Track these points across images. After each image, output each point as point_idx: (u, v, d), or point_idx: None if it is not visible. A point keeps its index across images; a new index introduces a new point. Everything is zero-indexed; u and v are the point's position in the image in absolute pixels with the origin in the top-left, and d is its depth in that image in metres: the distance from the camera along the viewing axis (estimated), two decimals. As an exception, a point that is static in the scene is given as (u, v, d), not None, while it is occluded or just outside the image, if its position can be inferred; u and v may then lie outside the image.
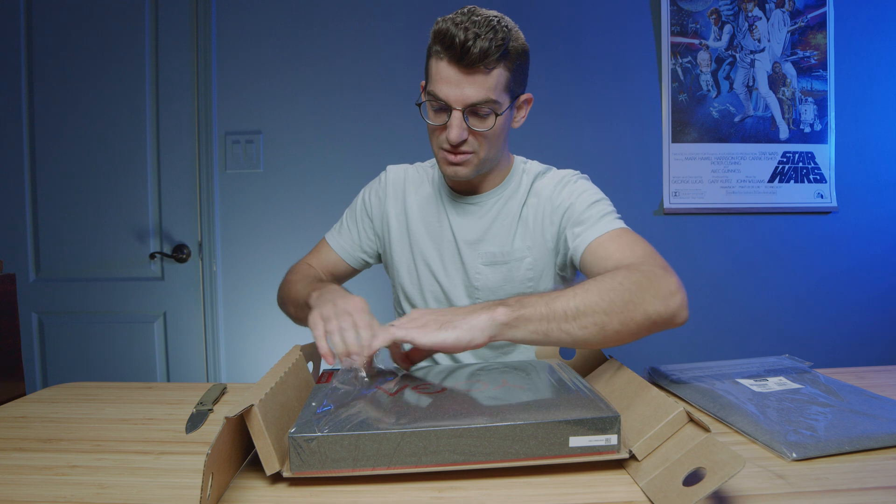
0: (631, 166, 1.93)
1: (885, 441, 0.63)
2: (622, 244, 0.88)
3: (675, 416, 0.59)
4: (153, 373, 1.94)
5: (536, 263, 1.02)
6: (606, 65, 1.93)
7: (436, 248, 1.06)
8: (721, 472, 0.48)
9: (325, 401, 0.64)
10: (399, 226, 1.10)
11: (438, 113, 0.91)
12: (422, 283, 1.08)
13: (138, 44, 1.89)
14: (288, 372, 0.70)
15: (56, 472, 0.61)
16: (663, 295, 0.73)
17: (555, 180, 1.02)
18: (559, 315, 0.69)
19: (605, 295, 0.71)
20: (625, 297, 0.71)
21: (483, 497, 0.54)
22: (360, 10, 1.91)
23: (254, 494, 0.56)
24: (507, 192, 1.04)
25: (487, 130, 0.90)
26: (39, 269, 1.94)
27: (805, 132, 1.96)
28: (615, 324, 0.70)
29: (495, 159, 0.99)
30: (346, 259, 1.16)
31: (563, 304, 0.69)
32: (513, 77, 0.90)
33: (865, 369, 0.96)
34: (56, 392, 0.92)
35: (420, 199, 1.09)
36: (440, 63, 0.87)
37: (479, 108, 0.88)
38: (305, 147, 1.92)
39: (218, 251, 1.92)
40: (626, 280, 0.74)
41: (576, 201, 0.97)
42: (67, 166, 1.91)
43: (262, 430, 0.56)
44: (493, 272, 1.02)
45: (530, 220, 1.02)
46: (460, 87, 0.87)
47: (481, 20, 0.85)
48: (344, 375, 0.70)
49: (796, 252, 1.98)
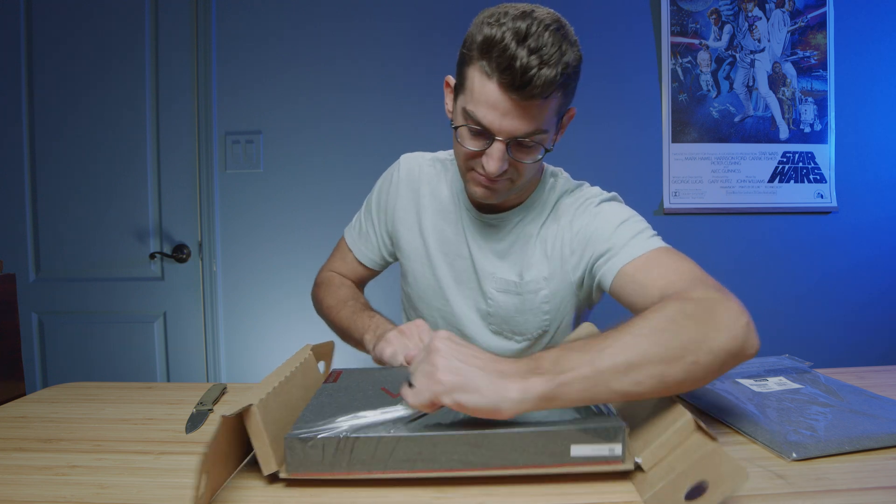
0: (631, 166, 1.93)
1: (885, 441, 0.63)
2: (661, 267, 0.76)
3: (682, 423, 0.56)
4: (153, 373, 1.94)
5: (554, 296, 0.91)
6: (606, 65, 1.93)
7: (449, 264, 0.97)
8: (723, 486, 0.47)
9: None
10: (411, 230, 1.01)
11: (476, 137, 0.78)
12: (430, 298, 1.00)
13: (138, 44, 1.89)
14: (295, 371, 0.70)
15: (56, 472, 0.61)
16: (727, 324, 0.60)
17: (578, 202, 0.90)
18: (607, 373, 0.54)
19: (659, 338, 0.57)
20: (683, 339, 0.57)
21: (483, 498, 0.54)
22: (359, 10, 1.91)
23: (251, 494, 0.56)
24: (530, 213, 0.93)
25: (532, 163, 0.80)
26: (39, 269, 1.94)
27: (805, 132, 1.96)
28: (677, 373, 0.56)
29: (530, 182, 0.90)
30: (368, 265, 1.09)
31: (611, 358, 0.55)
32: (565, 99, 0.79)
33: (865, 369, 0.96)
34: (56, 392, 0.92)
35: (435, 202, 0.99)
36: (487, 83, 0.73)
37: (526, 140, 0.77)
38: (305, 147, 1.92)
39: (218, 251, 1.92)
40: (679, 314, 0.60)
41: (599, 226, 0.85)
42: (67, 166, 1.91)
43: (261, 430, 0.56)
44: (506, 300, 0.93)
45: (549, 248, 0.91)
46: (509, 118, 0.74)
47: (548, 36, 0.71)
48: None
49: (796, 252, 1.98)
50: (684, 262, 0.76)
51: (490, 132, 0.76)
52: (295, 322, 1.92)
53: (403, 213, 1.01)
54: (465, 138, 0.80)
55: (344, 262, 1.11)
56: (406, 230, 1.01)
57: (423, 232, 0.99)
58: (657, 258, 0.78)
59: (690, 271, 0.73)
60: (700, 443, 0.53)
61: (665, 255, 0.79)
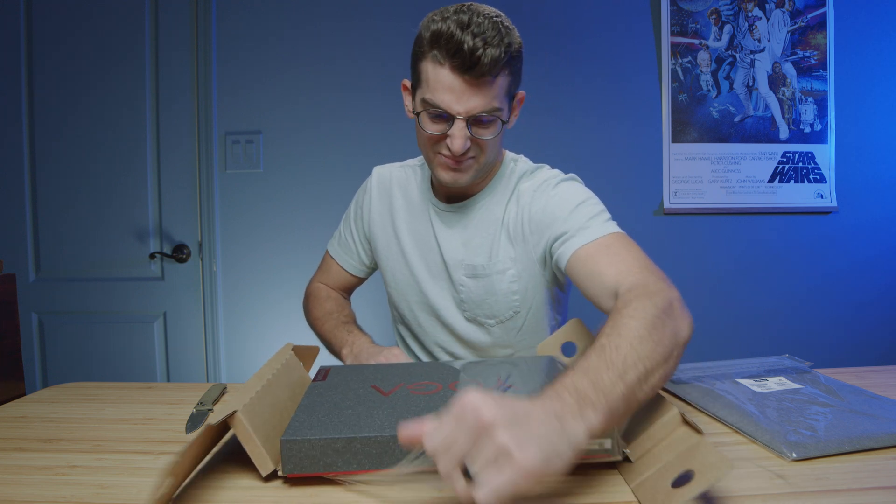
0: (631, 166, 1.93)
1: (885, 441, 0.63)
2: (612, 255, 0.80)
3: (668, 417, 0.59)
4: (153, 373, 1.94)
5: (521, 276, 0.96)
6: (606, 65, 1.93)
7: (422, 256, 1.02)
8: (709, 474, 0.48)
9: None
10: (385, 231, 1.07)
11: (437, 121, 0.86)
12: (408, 293, 1.05)
13: (138, 44, 1.89)
14: (278, 372, 0.70)
15: (56, 472, 0.61)
16: (684, 315, 0.65)
17: (536, 184, 0.95)
18: (634, 385, 0.54)
19: (655, 338, 0.58)
20: (667, 334, 0.60)
21: (483, 497, 0.54)
22: (359, 11, 1.91)
23: (250, 494, 0.56)
24: (493, 197, 0.98)
25: (492, 138, 0.86)
26: (39, 269, 1.94)
27: (805, 132, 1.96)
28: (668, 370, 0.59)
29: (494, 162, 0.95)
30: (352, 272, 1.16)
31: (634, 370, 0.55)
32: (512, 79, 0.86)
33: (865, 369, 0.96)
34: (56, 392, 0.92)
35: (407, 203, 1.06)
36: (440, 70, 0.81)
37: (484, 115, 0.84)
38: (305, 147, 1.92)
39: (218, 251, 1.92)
40: (658, 311, 0.62)
41: (556, 207, 0.90)
42: (67, 166, 1.91)
43: (250, 434, 0.56)
44: (475, 285, 0.97)
45: (511, 229, 0.95)
46: (465, 97, 0.81)
47: (488, 23, 0.79)
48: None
49: (796, 252, 1.98)
50: (631, 249, 0.81)
51: (449, 114, 0.83)
52: (295, 322, 1.92)
53: (378, 216, 1.08)
54: (427, 123, 0.87)
55: (329, 273, 1.18)
56: (381, 231, 1.08)
57: (397, 231, 1.05)
58: (609, 244, 0.83)
59: (637, 260, 0.78)
60: (686, 435, 0.56)
61: (617, 241, 0.83)
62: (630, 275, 0.75)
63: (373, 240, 1.09)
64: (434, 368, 0.78)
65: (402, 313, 1.08)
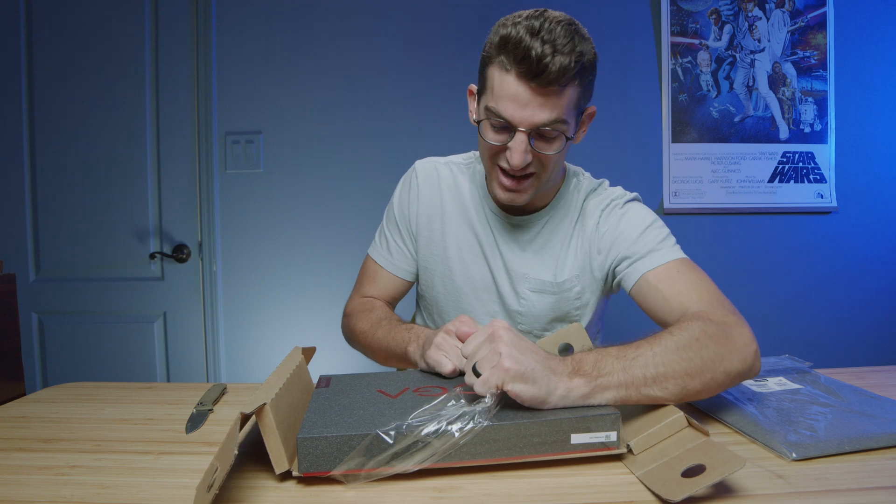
0: (631, 166, 1.93)
1: (885, 441, 0.63)
2: (683, 282, 0.81)
3: (673, 419, 0.61)
4: (153, 373, 1.94)
5: (584, 293, 0.95)
6: (606, 65, 1.91)
7: (472, 263, 0.99)
8: (722, 468, 0.50)
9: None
10: (432, 231, 1.01)
11: (498, 131, 0.81)
12: (461, 300, 1.00)
13: (138, 44, 1.89)
14: (293, 373, 0.70)
15: (56, 472, 0.61)
16: (741, 350, 0.68)
17: (602, 204, 0.93)
18: (638, 381, 0.62)
19: (685, 354, 0.64)
20: (704, 357, 0.65)
21: (483, 498, 0.54)
22: (359, 10, 1.91)
23: (263, 494, 0.56)
24: (558, 213, 0.96)
25: (555, 154, 0.82)
26: (39, 269, 1.94)
27: (805, 132, 1.96)
28: (696, 385, 0.65)
29: (555, 180, 0.91)
30: (405, 277, 1.06)
31: (643, 369, 0.62)
32: (582, 91, 0.81)
33: (865, 369, 0.96)
34: (56, 392, 0.92)
35: (461, 207, 0.99)
36: (506, 77, 0.77)
37: (548, 129, 0.79)
38: (305, 147, 1.92)
39: (218, 251, 1.92)
40: (704, 336, 0.67)
41: (625, 228, 0.89)
42: (67, 166, 1.91)
43: (273, 429, 0.56)
44: (540, 300, 0.96)
45: (579, 247, 0.94)
46: (529, 108, 0.77)
47: (560, 30, 0.75)
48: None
49: (796, 252, 1.98)
50: (702, 279, 0.82)
51: (511, 124, 0.79)
52: (295, 322, 1.93)
53: (426, 215, 1.01)
54: (488, 132, 0.83)
55: (375, 283, 1.06)
56: (427, 231, 1.02)
57: (444, 234, 1.00)
58: (679, 271, 0.83)
59: (709, 291, 0.80)
60: (692, 435, 0.59)
61: (686, 268, 0.84)
62: (700, 302, 0.78)
63: (418, 237, 1.03)
64: (436, 375, 0.78)
65: (436, 321, 1.05)
